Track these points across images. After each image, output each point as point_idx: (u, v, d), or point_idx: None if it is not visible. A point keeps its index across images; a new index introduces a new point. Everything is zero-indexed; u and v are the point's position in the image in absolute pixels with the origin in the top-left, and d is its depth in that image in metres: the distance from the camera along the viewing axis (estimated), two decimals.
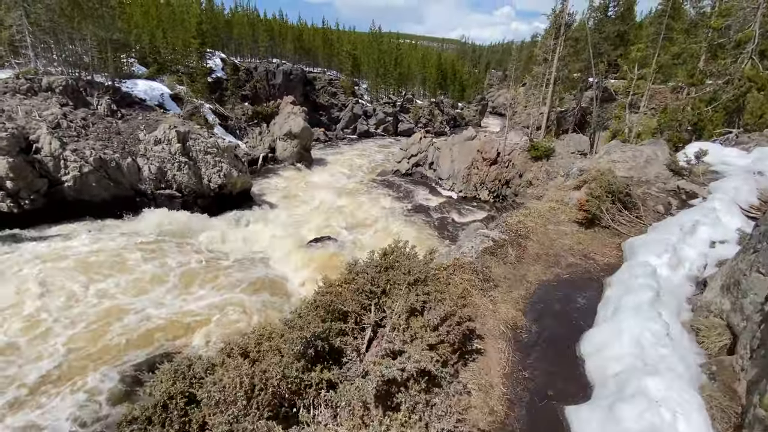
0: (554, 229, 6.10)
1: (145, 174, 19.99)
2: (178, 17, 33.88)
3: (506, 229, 5.97)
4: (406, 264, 4.02)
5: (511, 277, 4.89)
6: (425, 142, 34.58)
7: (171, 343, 10.79)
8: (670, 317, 3.73)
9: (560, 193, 7.42)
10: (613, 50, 40.52)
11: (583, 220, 6.21)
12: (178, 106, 24.28)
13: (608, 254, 5.67)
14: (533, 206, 6.76)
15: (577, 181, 7.63)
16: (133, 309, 11.98)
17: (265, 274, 15.00)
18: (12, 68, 19.72)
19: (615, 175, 7.62)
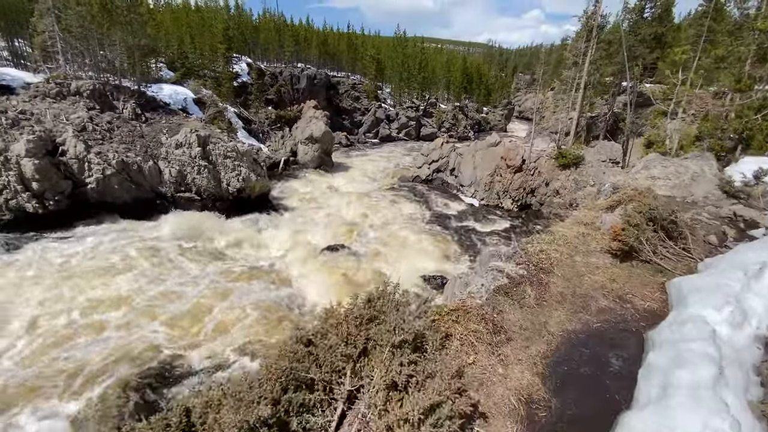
0: (583, 261, 5.12)
1: (166, 177, 20.02)
2: (207, 23, 34.41)
3: (525, 260, 5.03)
4: (393, 316, 3.25)
5: (528, 326, 3.99)
6: (447, 148, 33.53)
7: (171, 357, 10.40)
8: (738, 400, 2.79)
9: (590, 213, 6.41)
10: (649, 53, 38.17)
11: (619, 252, 5.19)
12: (200, 110, 24.43)
13: (649, 297, 4.65)
14: (558, 230, 5.78)
15: (610, 200, 6.59)
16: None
17: (275, 285, 14.49)
18: (44, 73, 20.27)
19: (655, 195, 6.54)
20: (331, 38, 54.90)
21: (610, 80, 39.26)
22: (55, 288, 12.57)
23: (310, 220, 22.79)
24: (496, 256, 5.47)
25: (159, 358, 10.10)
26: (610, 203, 6.45)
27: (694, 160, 9.14)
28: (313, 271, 15.67)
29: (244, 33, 41.37)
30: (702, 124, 21.78)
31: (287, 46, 44.02)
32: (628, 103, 32.68)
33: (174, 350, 10.52)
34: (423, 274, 16.23)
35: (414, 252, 19.42)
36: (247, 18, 45.75)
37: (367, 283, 15.10)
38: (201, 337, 11.12)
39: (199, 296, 12.95)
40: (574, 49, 29.99)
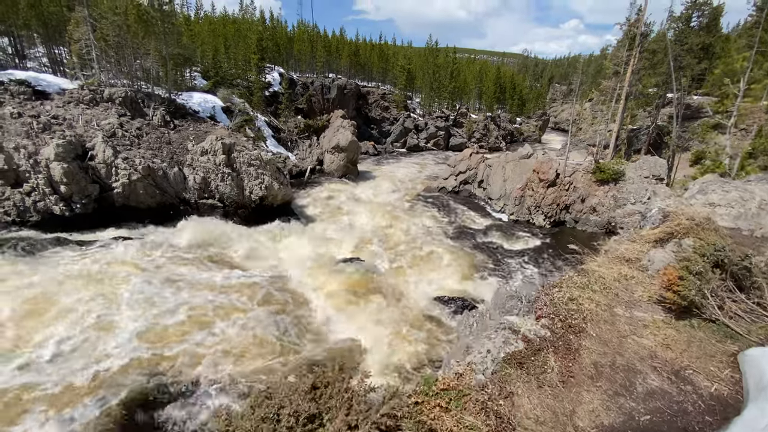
0: (626, 315, 3.98)
1: (190, 183, 20.09)
2: (242, 34, 35.19)
3: (549, 311, 3.94)
4: (344, 414, 2.34)
5: (548, 419, 2.90)
6: (475, 159, 32.22)
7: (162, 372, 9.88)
8: None
9: (634, 247, 5.25)
10: (697, 64, 35.50)
11: (674, 305, 4.03)
12: (228, 118, 24.64)
13: (717, 374, 3.43)
14: (594, 269, 4.65)
15: (659, 231, 5.38)
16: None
17: (288, 297, 13.85)
18: (80, 80, 21.04)
19: (717, 228, 5.27)
20: (362, 49, 55.10)
21: (654, 91, 36.69)
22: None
23: (330, 230, 22.21)
24: (515, 298, 4.44)
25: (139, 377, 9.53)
26: (660, 235, 5.25)
27: (759, 183, 7.64)
28: (325, 286, 14.93)
29: (279, 44, 42.09)
30: (756, 140, 19.38)
31: (319, 57, 44.38)
32: (674, 115, 30.14)
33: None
34: (440, 296, 15.09)
35: (434, 268, 18.35)
36: (283, 29, 46.66)
37: (380, 300, 14.19)
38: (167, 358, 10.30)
39: (180, 317, 12.24)
40: (615, 57, 28.05)
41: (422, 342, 12.01)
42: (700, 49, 35.68)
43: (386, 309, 13.71)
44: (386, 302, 14.09)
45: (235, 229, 19.66)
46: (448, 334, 12.59)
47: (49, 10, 22.57)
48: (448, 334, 12.64)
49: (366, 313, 13.26)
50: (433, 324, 13.00)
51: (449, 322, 13.42)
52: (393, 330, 12.47)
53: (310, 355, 10.94)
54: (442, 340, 12.22)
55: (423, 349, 11.67)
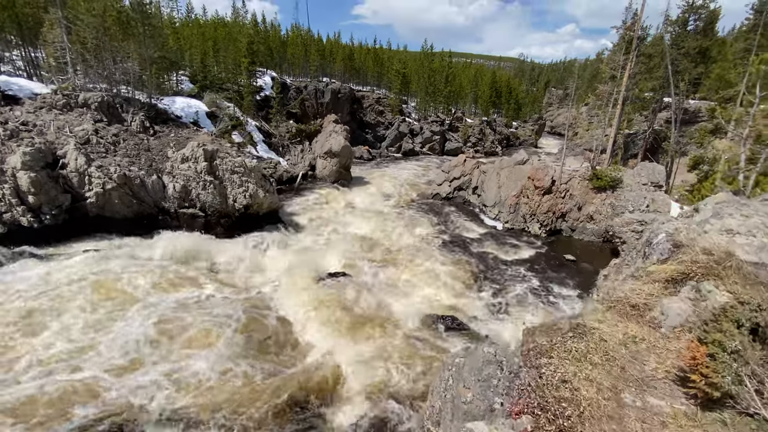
0: (636, 404, 2.94)
1: (170, 192, 19.03)
2: (233, 37, 34.23)
3: (533, 401, 2.86)
4: None
5: None
6: (469, 165, 31.24)
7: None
8: None
9: (641, 288, 4.25)
10: (693, 67, 34.75)
11: (698, 390, 3.04)
12: (213, 123, 23.63)
13: None
14: (594, 328, 3.61)
15: (670, 269, 4.40)
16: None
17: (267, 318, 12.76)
18: (55, 84, 19.99)
19: (739, 263, 4.27)
20: (357, 53, 54.18)
21: (650, 96, 35.85)
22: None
23: (319, 240, 21.20)
24: (493, 363, 3.41)
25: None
26: (671, 273, 4.28)
27: None
28: (309, 304, 13.83)
29: (271, 47, 41.12)
30: (755, 147, 18.45)
31: (313, 61, 43.42)
32: (672, 120, 29.27)
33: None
34: (430, 314, 14.04)
35: (426, 282, 17.32)
36: (276, 33, 45.73)
37: (366, 319, 13.12)
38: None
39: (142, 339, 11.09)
40: (612, 62, 27.15)
41: (407, 366, 10.95)
42: (696, 52, 34.97)
43: (373, 329, 12.66)
44: (373, 322, 13.03)
45: (216, 240, 18.60)
46: (434, 355, 11.56)
47: (24, 12, 21.51)
48: (436, 354, 11.61)
49: (351, 335, 12.20)
50: (421, 346, 11.95)
51: (438, 343, 12.38)
52: (378, 353, 11.42)
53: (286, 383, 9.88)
54: (428, 365, 11.17)
55: (407, 377, 10.61)
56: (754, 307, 3.16)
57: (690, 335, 3.44)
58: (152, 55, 21.96)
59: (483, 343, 4.06)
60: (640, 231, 20.44)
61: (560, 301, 16.49)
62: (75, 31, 20.49)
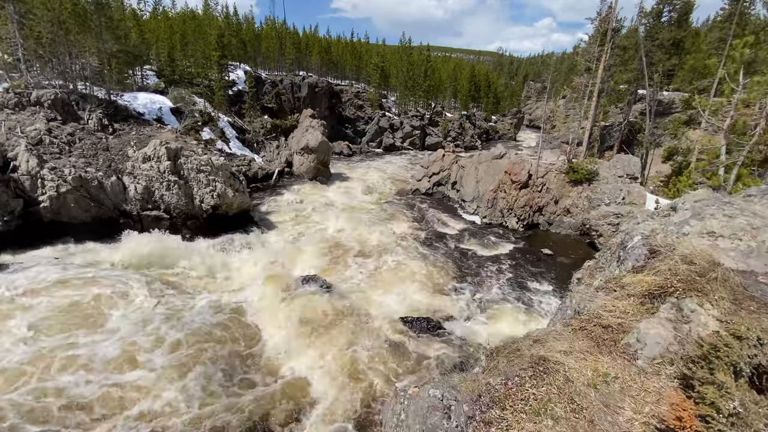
0: None
1: (131, 194, 17.83)
2: (202, 30, 32.58)
3: None
4: None
5: None
6: (448, 160, 30.75)
7: None
8: None
9: (614, 304, 3.70)
10: (667, 59, 35.01)
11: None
12: (178, 120, 22.31)
13: None
14: (558, 361, 2.97)
15: (647, 280, 3.85)
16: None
17: (230, 330, 11.91)
18: (7, 81, 18.43)
19: (726, 274, 3.75)
20: (334, 46, 52.80)
21: (625, 88, 36.03)
22: None
23: (293, 240, 20.32)
24: (439, 411, 2.77)
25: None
26: (648, 285, 3.74)
27: (763, 198, 6.25)
28: (277, 312, 13.02)
29: (245, 40, 39.49)
30: (737, 139, 18.47)
31: (288, 54, 41.96)
32: (647, 112, 29.37)
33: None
34: (405, 316, 13.45)
35: (403, 282, 16.71)
36: (250, 25, 43.96)
37: (338, 326, 12.42)
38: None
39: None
40: (587, 53, 26.92)
41: (379, 376, 10.33)
42: (671, 44, 35.16)
43: (345, 337, 11.96)
44: (346, 329, 12.34)
45: (182, 243, 17.53)
46: (406, 365, 10.97)
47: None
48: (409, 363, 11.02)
49: (322, 344, 11.48)
50: (394, 353, 11.34)
51: (412, 348, 11.79)
52: (349, 364, 10.74)
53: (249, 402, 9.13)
54: (401, 372, 10.58)
55: (377, 388, 9.99)
56: (753, 342, 2.59)
57: (672, 369, 2.87)
58: (111, 49, 20.47)
59: (430, 384, 3.40)
60: (616, 224, 20.32)
61: (536, 297, 16.18)
62: (28, 25, 18.89)
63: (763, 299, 3.57)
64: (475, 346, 12.23)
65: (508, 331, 13.81)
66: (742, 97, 6.70)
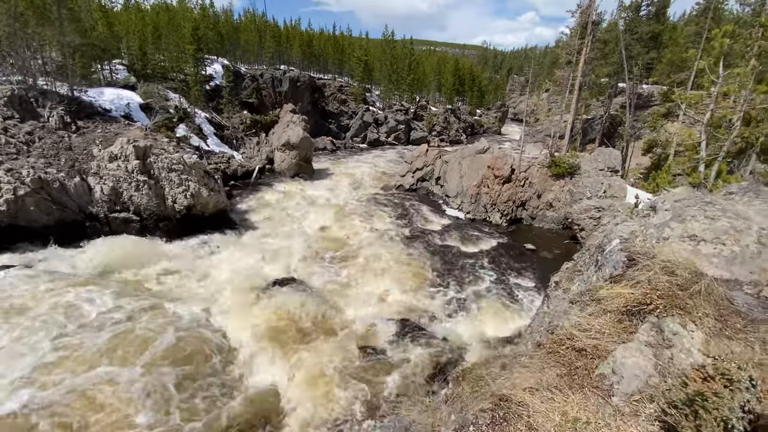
0: None
1: (97, 195, 16.87)
2: (176, 23, 31.21)
3: None
4: None
5: None
6: (432, 155, 30.33)
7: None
8: None
9: (589, 322, 3.29)
10: (646, 53, 35.18)
11: None
12: (148, 116, 21.27)
13: None
14: (522, 402, 2.53)
15: (624, 293, 3.45)
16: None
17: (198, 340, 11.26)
18: None
19: (710, 286, 3.39)
20: (316, 39, 51.58)
21: (606, 81, 36.13)
22: None
23: (271, 241, 19.63)
24: None
25: None
26: (626, 301, 3.34)
27: (745, 198, 5.94)
28: (249, 318, 12.39)
29: (222, 33, 38.11)
30: (709, 121, 18.50)
31: (268, 47, 40.73)
32: (627, 105, 29.43)
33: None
34: (384, 317, 13.00)
35: (383, 281, 16.25)
36: (228, 17, 42.48)
37: (313, 333, 11.91)
38: None
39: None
40: (568, 47, 26.70)
41: (354, 387, 9.86)
42: (649, 38, 35.33)
43: (319, 345, 11.45)
44: (320, 335, 11.83)
45: (153, 246, 16.73)
46: (383, 372, 10.53)
47: None
48: (384, 371, 10.59)
49: (294, 354, 10.94)
50: (370, 361, 10.87)
51: (389, 353, 11.36)
52: (321, 376, 10.23)
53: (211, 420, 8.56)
54: (376, 381, 10.14)
55: (354, 397, 9.53)
56: (746, 384, 2.17)
57: (651, 407, 2.46)
58: (74, 43, 19.27)
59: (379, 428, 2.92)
60: (597, 217, 20.24)
61: (519, 293, 15.96)
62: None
63: (749, 314, 3.20)
64: (455, 349, 11.89)
65: (490, 331, 13.54)
66: (722, 90, 6.44)
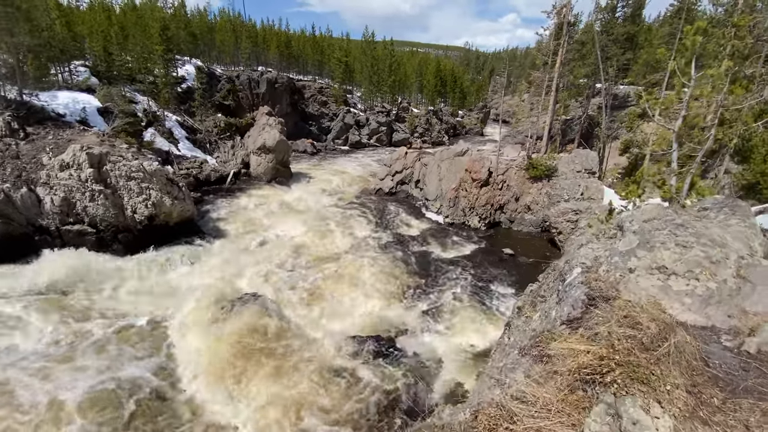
0: None
1: (47, 206, 15.61)
2: (144, 22, 29.76)
3: None
4: None
5: None
6: (411, 157, 29.66)
7: None
8: None
9: (534, 396, 2.58)
10: (622, 54, 35.36)
11: None
12: (107, 121, 20.01)
13: None
14: None
15: (579, 358, 2.74)
16: None
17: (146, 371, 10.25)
18: None
19: (679, 337, 2.76)
20: (295, 40, 50.38)
21: (585, 82, 36.17)
22: None
23: (240, 251, 18.61)
24: None
25: None
26: (580, 366, 2.65)
27: (720, 215, 5.36)
28: (208, 342, 11.39)
29: (196, 34, 36.68)
30: (681, 128, 18.35)
31: (244, 48, 39.45)
32: (603, 105, 29.34)
33: None
34: (354, 335, 12.24)
35: (357, 292, 15.49)
36: (203, 17, 41.01)
37: (274, 356, 11.04)
38: None
39: None
40: (543, 47, 26.37)
41: (318, 417, 9.06)
42: (625, 39, 35.51)
43: (281, 370, 10.59)
44: (283, 359, 10.97)
45: (110, 260, 15.59)
46: (353, 397, 9.76)
47: None
48: (355, 397, 9.81)
49: (255, 381, 10.05)
50: (339, 383, 10.07)
51: (358, 378, 10.57)
52: (283, 406, 9.39)
53: None
54: (344, 410, 9.36)
55: (316, 426, 8.74)
56: None
57: None
58: (24, 43, 17.92)
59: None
60: (575, 220, 19.88)
61: (497, 301, 15.42)
62: None
63: (728, 380, 2.56)
64: (427, 367, 11.21)
65: (466, 343, 12.92)
66: (694, 93, 6.01)
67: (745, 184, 14.97)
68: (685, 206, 5.43)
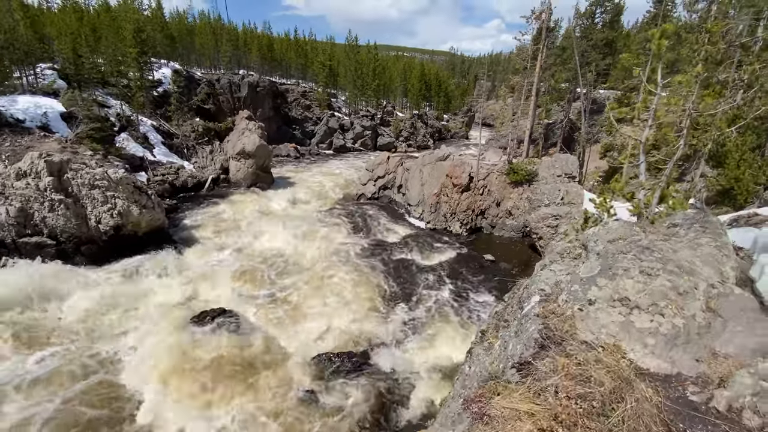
0: None
1: (2, 218, 14.64)
2: (118, 24, 28.70)
3: None
4: None
5: None
6: (393, 162, 29.25)
7: None
8: None
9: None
10: (601, 59, 35.74)
11: None
12: (71, 127, 19.02)
13: None
14: None
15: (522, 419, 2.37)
16: None
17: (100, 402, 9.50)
18: None
19: (639, 393, 2.34)
20: (277, 44, 49.59)
21: (566, 86, 36.39)
22: None
23: (214, 262, 17.87)
24: None
25: None
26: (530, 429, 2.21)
27: (690, 230, 5.05)
28: (170, 368, 10.55)
29: (174, 36, 35.65)
30: (658, 132, 18.35)
31: (224, 51, 38.55)
32: (582, 110, 29.44)
33: None
34: (324, 352, 11.65)
35: (332, 304, 14.89)
36: (182, 19, 39.96)
37: (242, 377, 10.38)
38: None
39: None
40: (522, 52, 26.32)
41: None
42: (604, 44, 35.84)
43: (248, 392, 9.94)
44: (251, 380, 10.31)
45: (70, 274, 14.66)
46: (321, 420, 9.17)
47: None
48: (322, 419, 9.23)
49: (221, 405, 9.38)
50: (305, 411, 9.46)
51: (329, 395, 9.99)
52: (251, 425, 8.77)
53: None
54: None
55: None
56: None
57: None
58: None
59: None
60: (555, 225, 19.70)
61: (477, 309, 15.04)
62: None
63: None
64: (402, 383, 10.71)
65: (444, 355, 12.46)
66: (663, 101, 5.74)
67: (720, 190, 14.94)
68: (654, 222, 5.05)
